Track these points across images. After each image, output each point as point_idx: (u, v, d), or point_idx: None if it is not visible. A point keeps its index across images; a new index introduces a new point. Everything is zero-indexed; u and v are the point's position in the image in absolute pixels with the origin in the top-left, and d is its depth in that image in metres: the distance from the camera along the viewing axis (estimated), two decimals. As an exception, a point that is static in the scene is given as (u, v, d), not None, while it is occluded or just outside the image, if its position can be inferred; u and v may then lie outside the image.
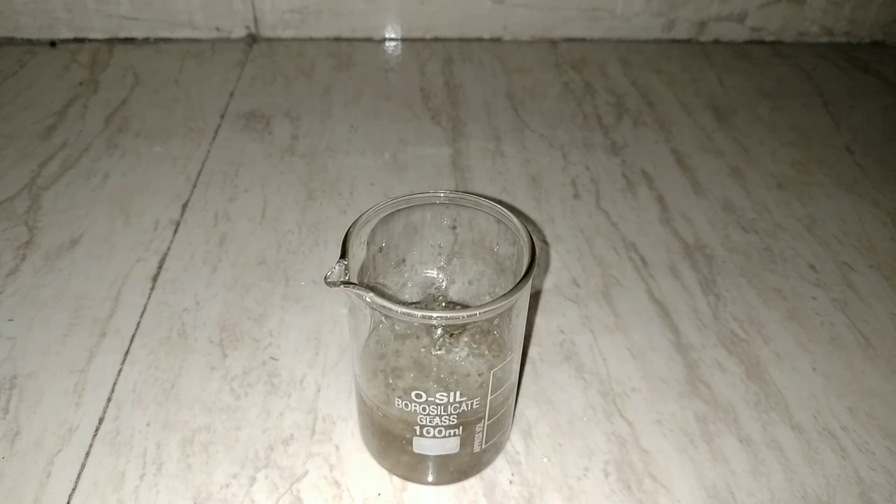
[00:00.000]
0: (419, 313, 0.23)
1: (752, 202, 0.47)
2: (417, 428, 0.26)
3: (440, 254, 0.31)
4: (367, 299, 0.24)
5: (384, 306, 0.24)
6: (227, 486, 0.29)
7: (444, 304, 0.32)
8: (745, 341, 0.37)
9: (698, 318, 0.38)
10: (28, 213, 0.44)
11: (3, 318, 0.36)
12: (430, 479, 0.29)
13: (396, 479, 0.29)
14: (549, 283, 0.40)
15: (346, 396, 0.33)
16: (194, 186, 0.47)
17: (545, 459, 0.30)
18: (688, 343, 0.36)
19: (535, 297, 0.39)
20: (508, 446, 0.31)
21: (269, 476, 0.29)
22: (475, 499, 0.29)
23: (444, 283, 0.32)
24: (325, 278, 0.25)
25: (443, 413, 0.26)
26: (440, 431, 0.26)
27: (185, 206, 0.45)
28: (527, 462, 0.30)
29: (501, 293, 0.24)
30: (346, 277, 0.25)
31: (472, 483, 0.29)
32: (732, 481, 0.30)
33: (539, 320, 0.37)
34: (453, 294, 0.32)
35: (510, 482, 0.29)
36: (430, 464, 0.28)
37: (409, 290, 0.32)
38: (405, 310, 0.23)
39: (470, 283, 0.32)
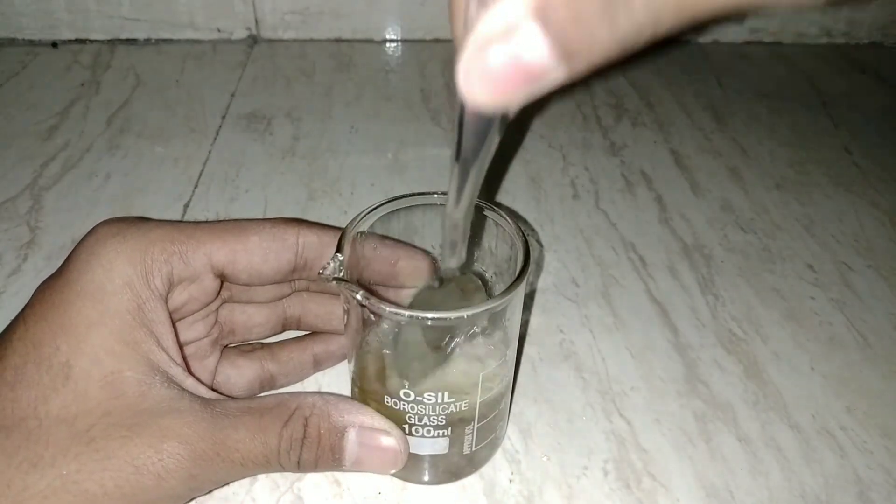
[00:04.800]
0: (406, 313, 0.24)
1: (750, 202, 0.47)
2: (406, 427, 0.27)
3: (440, 254, 0.31)
4: (358, 297, 0.24)
5: (374, 305, 0.24)
6: (228, 484, 0.29)
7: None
8: (744, 341, 0.37)
9: (697, 317, 0.38)
10: (30, 213, 0.44)
11: (6, 318, 0.36)
12: (421, 478, 0.29)
13: (396, 478, 0.29)
14: (548, 283, 0.40)
15: (347, 394, 0.33)
16: (195, 187, 0.47)
17: (545, 458, 0.30)
18: (686, 342, 0.36)
19: (530, 296, 0.39)
20: (508, 445, 0.31)
21: (269, 475, 0.29)
22: (475, 497, 0.29)
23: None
24: (320, 273, 0.25)
25: (431, 413, 0.26)
26: (429, 431, 0.27)
27: (186, 206, 0.45)
28: (526, 461, 0.30)
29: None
30: (341, 273, 0.25)
31: (472, 481, 0.29)
32: (731, 480, 0.30)
33: (538, 320, 0.37)
34: None
35: (510, 481, 0.30)
36: (420, 463, 0.28)
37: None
38: (394, 309, 0.24)
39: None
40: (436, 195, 0.29)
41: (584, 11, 0.13)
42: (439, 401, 0.26)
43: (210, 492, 0.28)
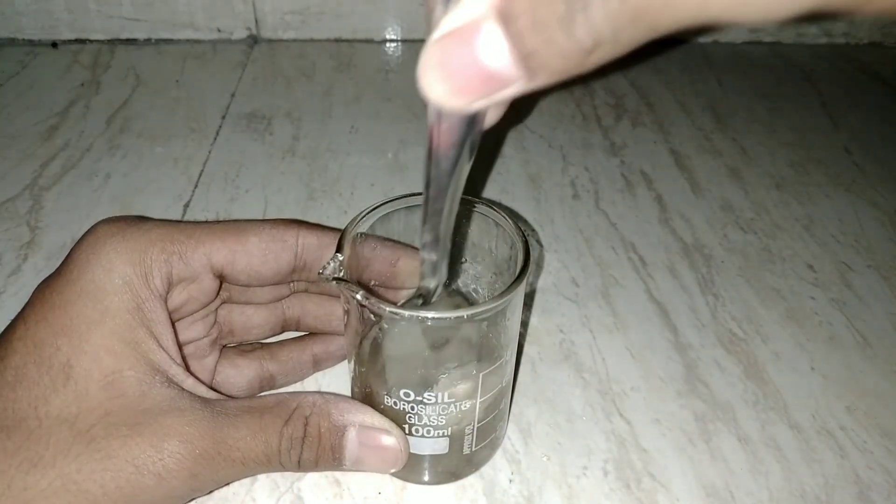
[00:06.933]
0: (406, 313, 0.24)
1: (750, 202, 0.47)
2: (406, 427, 0.27)
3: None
4: (358, 297, 0.24)
5: (374, 305, 0.24)
6: (228, 484, 0.29)
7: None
8: (744, 341, 0.37)
9: (697, 317, 0.38)
10: (30, 213, 0.44)
11: (6, 318, 0.36)
12: (421, 478, 0.29)
13: (396, 478, 0.29)
14: (548, 283, 0.40)
15: (347, 394, 0.33)
16: (195, 187, 0.47)
17: (545, 458, 0.30)
18: (686, 342, 0.36)
19: (530, 296, 0.39)
20: (508, 445, 0.31)
21: (269, 475, 0.29)
22: (475, 497, 0.29)
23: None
24: (320, 273, 0.25)
25: (431, 413, 0.26)
26: (429, 431, 0.27)
27: (186, 206, 0.45)
28: (526, 461, 0.30)
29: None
30: (341, 273, 0.25)
31: (472, 481, 0.29)
32: (731, 480, 0.30)
33: (538, 320, 0.37)
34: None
35: (510, 481, 0.30)
36: (420, 463, 0.28)
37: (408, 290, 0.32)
38: (393, 309, 0.24)
39: (468, 284, 0.32)
40: None
41: (543, 16, 0.13)
42: (439, 401, 0.26)
43: (210, 492, 0.28)
